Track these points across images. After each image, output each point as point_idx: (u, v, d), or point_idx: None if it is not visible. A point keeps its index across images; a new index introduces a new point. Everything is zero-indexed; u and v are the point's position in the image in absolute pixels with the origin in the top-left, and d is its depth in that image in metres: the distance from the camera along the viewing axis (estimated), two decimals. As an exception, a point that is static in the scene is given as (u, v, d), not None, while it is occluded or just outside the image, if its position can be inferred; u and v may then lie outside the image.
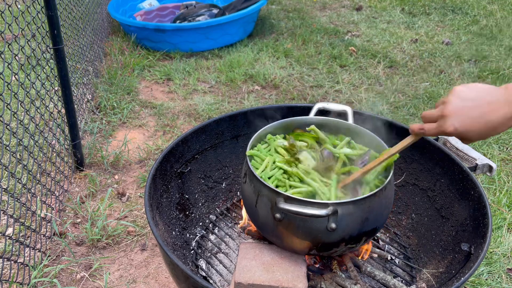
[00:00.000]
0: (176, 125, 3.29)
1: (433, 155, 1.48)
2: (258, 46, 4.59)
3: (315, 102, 1.57)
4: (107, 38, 4.62)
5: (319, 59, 4.35)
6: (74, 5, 3.40)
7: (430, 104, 3.62)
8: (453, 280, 1.22)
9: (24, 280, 2.00)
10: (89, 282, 2.11)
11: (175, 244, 1.43)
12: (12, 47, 2.07)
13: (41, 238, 2.21)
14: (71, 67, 2.98)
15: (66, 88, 2.60)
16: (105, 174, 2.79)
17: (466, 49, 4.62)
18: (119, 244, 2.32)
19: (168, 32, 4.28)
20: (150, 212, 1.27)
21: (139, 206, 2.56)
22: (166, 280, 2.14)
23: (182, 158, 1.56)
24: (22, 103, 2.15)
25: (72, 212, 2.49)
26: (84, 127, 3.10)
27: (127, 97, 3.61)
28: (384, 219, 1.27)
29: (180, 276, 1.19)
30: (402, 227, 1.61)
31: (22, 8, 3.92)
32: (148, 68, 4.13)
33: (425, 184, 1.54)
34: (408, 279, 1.42)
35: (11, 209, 2.12)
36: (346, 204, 1.12)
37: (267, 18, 5.34)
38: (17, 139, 2.08)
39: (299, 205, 1.10)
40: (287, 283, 1.21)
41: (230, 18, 4.36)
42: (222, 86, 3.87)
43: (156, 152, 3.00)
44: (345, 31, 5.07)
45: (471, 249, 1.23)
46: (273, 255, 1.30)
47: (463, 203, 1.37)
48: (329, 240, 1.18)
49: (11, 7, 2.15)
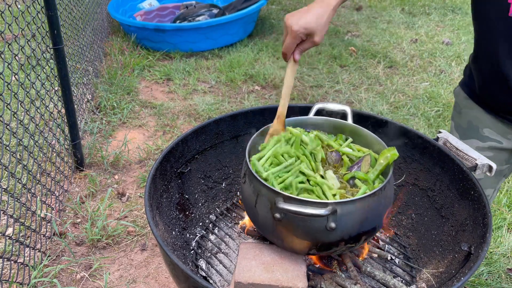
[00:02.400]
0: (176, 125, 3.29)
1: (433, 155, 1.48)
2: (258, 46, 4.59)
3: (315, 102, 1.56)
4: (107, 38, 4.62)
5: (319, 59, 4.35)
6: (74, 5, 3.40)
7: (430, 104, 3.62)
8: (453, 280, 1.22)
9: (24, 280, 2.00)
10: (89, 282, 2.11)
11: (175, 244, 1.43)
12: (12, 47, 2.07)
13: (41, 238, 2.21)
14: (71, 67, 2.98)
15: (66, 88, 2.60)
16: (105, 174, 2.80)
17: (466, 49, 4.62)
18: (119, 244, 2.32)
19: (168, 32, 4.28)
20: (150, 212, 1.26)
21: (139, 206, 2.56)
22: (166, 280, 2.14)
23: (182, 158, 1.56)
24: (22, 103, 2.15)
25: (72, 212, 2.49)
26: (84, 127, 3.10)
27: (127, 97, 3.62)
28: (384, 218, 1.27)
29: (180, 276, 1.18)
30: (402, 227, 1.61)
31: (22, 8, 3.92)
32: (148, 68, 4.13)
33: (425, 184, 1.54)
34: (408, 279, 1.43)
35: (11, 209, 2.12)
36: (345, 204, 1.12)
37: (267, 18, 5.34)
38: (17, 139, 2.08)
39: (299, 204, 1.10)
40: (287, 282, 1.21)
41: (230, 18, 4.36)
42: (222, 86, 3.87)
43: (156, 152, 3.00)
44: (345, 31, 5.07)
45: (471, 249, 1.23)
46: (273, 255, 1.30)
47: (463, 203, 1.37)
48: (328, 240, 1.18)
49: (11, 7, 2.15)
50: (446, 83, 3.98)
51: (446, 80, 4.02)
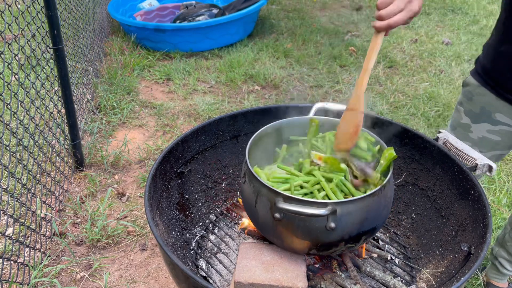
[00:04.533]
0: (176, 125, 3.29)
1: (433, 155, 1.48)
2: (258, 46, 4.59)
3: (315, 102, 1.56)
4: (107, 38, 4.62)
5: (319, 59, 4.35)
6: (74, 5, 3.40)
7: (430, 104, 3.62)
8: (453, 280, 1.22)
9: (24, 280, 2.00)
10: (89, 282, 2.11)
11: (175, 244, 1.43)
12: (12, 47, 2.07)
13: (41, 238, 2.21)
14: (71, 67, 2.98)
15: (66, 88, 2.60)
16: (105, 174, 2.79)
17: (466, 49, 4.62)
18: (119, 244, 2.32)
19: (168, 32, 4.28)
20: (150, 212, 1.27)
21: (139, 206, 2.56)
22: (166, 280, 2.14)
23: (182, 158, 1.56)
24: (22, 103, 2.15)
25: (72, 212, 2.49)
26: (84, 127, 3.10)
27: (127, 97, 3.62)
28: (384, 218, 1.27)
29: (180, 276, 1.19)
30: (402, 227, 1.61)
31: (22, 8, 3.92)
32: (148, 68, 4.13)
33: (425, 184, 1.54)
34: (408, 279, 1.43)
35: (11, 209, 2.12)
36: (345, 204, 1.12)
37: (267, 18, 5.34)
38: (17, 139, 2.08)
39: (298, 204, 1.10)
40: (287, 282, 1.21)
41: (230, 18, 4.36)
42: (222, 86, 3.87)
43: (156, 152, 3.00)
44: (345, 31, 5.07)
45: (471, 249, 1.23)
46: (273, 255, 1.30)
47: (463, 203, 1.37)
48: (328, 240, 1.18)
49: (11, 7, 2.15)
50: (446, 83, 3.98)
51: (446, 80, 4.02)
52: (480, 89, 1.65)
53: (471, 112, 1.69)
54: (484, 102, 1.64)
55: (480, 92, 1.65)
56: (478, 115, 1.67)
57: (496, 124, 1.63)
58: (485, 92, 1.63)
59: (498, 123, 1.63)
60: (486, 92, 1.63)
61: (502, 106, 1.60)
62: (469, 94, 1.70)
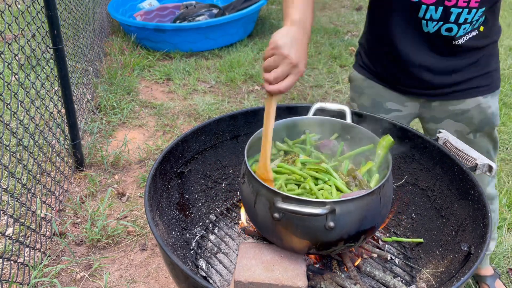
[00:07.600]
0: (176, 125, 3.29)
1: (433, 155, 1.48)
2: (258, 46, 4.59)
3: (315, 102, 1.56)
4: (107, 38, 4.63)
5: (319, 59, 4.34)
6: (74, 5, 3.41)
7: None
8: (453, 280, 1.22)
9: (24, 280, 2.00)
10: (89, 282, 2.11)
11: (175, 244, 1.43)
12: (12, 47, 2.07)
13: (41, 238, 2.21)
14: (71, 67, 2.98)
15: (66, 88, 2.60)
16: (105, 174, 2.80)
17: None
18: (119, 244, 2.32)
19: (168, 32, 4.29)
20: (150, 212, 1.26)
21: (139, 206, 2.56)
22: (166, 280, 2.14)
23: (182, 158, 1.56)
24: (22, 103, 2.15)
25: (72, 212, 2.49)
26: (84, 127, 3.10)
27: (127, 97, 3.62)
28: (383, 217, 1.27)
29: (180, 276, 1.18)
30: (402, 227, 1.61)
31: (22, 8, 3.92)
32: (148, 68, 4.13)
33: (425, 184, 1.54)
34: (408, 279, 1.42)
35: (11, 209, 2.12)
36: (344, 203, 1.12)
37: (267, 18, 5.34)
38: (17, 139, 2.08)
39: (297, 204, 1.10)
40: (286, 281, 1.21)
41: (230, 18, 4.36)
42: (222, 86, 3.87)
43: (156, 152, 3.00)
44: (345, 31, 5.07)
45: (471, 249, 1.23)
46: (273, 254, 1.30)
47: (463, 203, 1.37)
48: (327, 239, 1.18)
49: (11, 7, 2.15)
50: (446, 83, 3.98)
51: (446, 80, 4.02)
52: (368, 82, 1.74)
53: (363, 107, 1.77)
54: (374, 94, 1.74)
55: (369, 85, 1.74)
56: (370, 108, 1.75)
57: (389, 112, 1.73)
58: (373, 84, 1.72)
59: (390, 111, 1.73)
60: (374, 84, 1.72)
61: (390, 94, 1.71)
62: (358, 89, 1.78)
